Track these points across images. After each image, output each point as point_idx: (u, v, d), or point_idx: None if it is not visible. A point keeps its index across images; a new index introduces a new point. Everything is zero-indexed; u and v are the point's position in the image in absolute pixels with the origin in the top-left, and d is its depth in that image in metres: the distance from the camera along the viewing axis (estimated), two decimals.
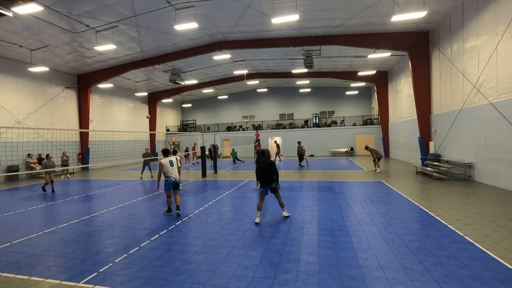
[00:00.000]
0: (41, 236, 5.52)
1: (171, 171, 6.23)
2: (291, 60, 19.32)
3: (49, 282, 3.64)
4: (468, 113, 10.35)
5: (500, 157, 8.63)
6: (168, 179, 6.20)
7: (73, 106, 18.81)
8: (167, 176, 6.21)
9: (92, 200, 8.97)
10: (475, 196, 7.71)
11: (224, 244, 4.76)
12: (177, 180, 6.27)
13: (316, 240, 4.79)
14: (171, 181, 6.22)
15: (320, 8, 11.46)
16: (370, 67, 20.10)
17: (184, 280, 3.56)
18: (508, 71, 8.15)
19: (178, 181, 6.30)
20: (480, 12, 9.43)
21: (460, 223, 5.45)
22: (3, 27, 11.43)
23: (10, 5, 7.77)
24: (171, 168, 6.23)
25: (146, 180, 13.22)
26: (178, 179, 6.29)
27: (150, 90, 25.86)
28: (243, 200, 8.18)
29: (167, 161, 6.26)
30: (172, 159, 6.36)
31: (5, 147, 13.92)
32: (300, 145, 17.30)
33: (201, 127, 31.34)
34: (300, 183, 10.70)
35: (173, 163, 6.27)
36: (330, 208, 6.86)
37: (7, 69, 14.70)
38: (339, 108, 28.41)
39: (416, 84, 13.80)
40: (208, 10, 11.67)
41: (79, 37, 13.06)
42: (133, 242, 4.97)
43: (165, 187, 6.25)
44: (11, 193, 10.92)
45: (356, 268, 3.75)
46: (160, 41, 14.73)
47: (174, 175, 6.24)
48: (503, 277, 3.40)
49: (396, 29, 13.18)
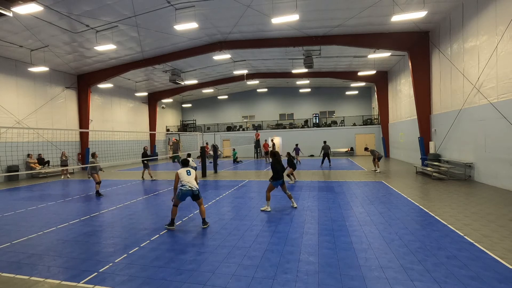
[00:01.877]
0: (41, 236, 5.52)
1: (187, 180, 5.76)
2: (291, 60, 19.31)
3: (49, 282, 3.64)
4: (468, 113, 10.35)
5: (500, 157, 8.63)
6: (183, 187, 5.68)
7: (73, 106, 18.81)
8: (182, 185, 5.72)
9: (92, 200, 8.96)
10: (475, 196, 7.71)
11: (224, 244, 4.76)
12: (193, 188, 5.70)
13: (316, 240, 4.79)
14: (186, 190, 5.65)
15: (320, 8, 11.46)
16: (370, 67, 20.10)
17: (184, 280, 3.56)
18: (508, 71, 8.15)
19: (195, 190, 5.74)
20: (480, 12, 9.43)
21: (460, 223, 5.45)
22: (3, 27, 11.42)
23: (10, 5, 7.77)
24: (187, 176, 5.80)
25: (147, 180, 13.22)
26: (195, 188, 5.73)
27: (150, 90, 25.86)
28: (243, 200, 8.18)
29: (184, 171, 5.87)
30: (190, 169, 5.98)
31: (5, 147, 13.92)
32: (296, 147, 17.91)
33: (201, 127, 31.35)
34: (300, 183, 10.70)
35: (190, 172, 5.87)
36: (330, 208, 6.86)
37: (7, 69, 14.69)
38: (339, 108, 28.41)
39: (416, 84, 13.80)
40: (208, 10, 11.67)
41: (79, 37, 13.06)
42: (133, 242, 4.97)
43: (178, 195, 5.72)
44: (11, 193, 10.92)
45: (356, 268, 3.75)
46: (160, 41, 14.73)
47: (191, 183, 5.74)
48: (503, 277, 3.40)
49: (396, 29, 13.18)
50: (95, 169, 9.64)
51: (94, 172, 9.58)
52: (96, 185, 9.61)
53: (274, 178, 6.87)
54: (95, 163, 9.57)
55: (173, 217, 5.67)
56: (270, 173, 7.22)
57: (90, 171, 9.61)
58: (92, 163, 9.53)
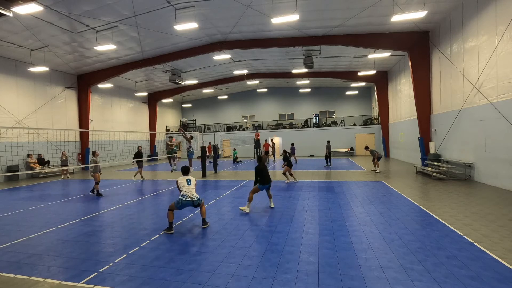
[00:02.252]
0: (41, 236, 5.52)
1: (188, 190, 5.63)
2: (291, 60, 19.32)
3: (49, 282, 3.63)
4: (468, 113, 10.35)
5: (500, 157, 8.63)
6: (183, 197, 5.55)
7: (73, 106, 18.81)
8: (182, 195, 5.61)
9: (92, 200, 8.96)
10: (475, 196, 7.71)
11: (224, 244, 4.76)
12: (193, 199, 5.58)
13: (316, 240, 4.79)
14: (186, 201, 5.52)
15: (320, 8, 11.46)
16: (370, 67, 20.10)
17: (184, 280, 3.56)
18: (508, 71, 8.14)
19: (196, 200, 5.62)
20: (480, 12, 9.43)
21: (460, 223, 5.45)
22: (3, 27, 11.42)
23: (10, 5, 7.77)
24: (188, 186, 5.66)
25: (147, 180, 13.22)
26: (195, 198, 5.61)
27: (150, 90, 25.86)
28: (243, 200, 8.16)
29: (184, 179, 5.75)
30: (191, 177, 5.82)
31: (5, 147, 13.93)
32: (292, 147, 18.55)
33: (201, 127, 31.35)
34: (300, 183, 10.70)
35: (191, 182, 5.73)
36: (330, 208, 6.86)
37: (7, 69, 14.69)
38: (339, 108, 28.41)
39: (416, 84, 13.81)
40: (208, 10, 11.67)
41: (79, 37, 13.06)
42: (133, 242, 4.97)
43: (177, 204, 5.56)
44: (11, 193, 10.92)
45: (356, 268, 3.75)
46: (160, 41, 14.73)
47: (191, 194, 5.60)
48: (503, 277, 3.40)
49: (396, 29, 13.18)
50: (96, 168, 9.64)
51: (96, 171, 9.56)
52: (96, 185, 9.61)
53: (262, 182, 6.87)
54: (96, 161, 9.56)
55: (170, 221, 5.54)
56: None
57: (93, 170, 9.59)
58: (93, 162, 9.51)
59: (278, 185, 10.39)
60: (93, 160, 9.54)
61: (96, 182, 9.59)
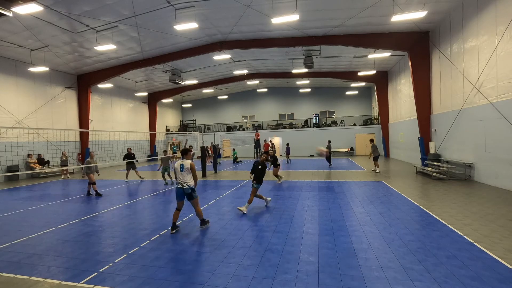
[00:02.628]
0: (41, 236, 5.52)
1: (178, 176, 5.36)
2: (291, 60, 19.31)
3: (49, 282, 3.63)
4: (468, 113, 10.35)
5: (500, 157, 8.62)
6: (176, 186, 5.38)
7: (73, 106, 18.81)
8: (176, 182, 5.40)
9: (92, 200, 8.96)
10: (475, 196, 7.71)
11: (224, 244, 4.76)
12: (184, 187, 5.27)
13: (316, 240, 4.79)
14: (177, 189, 5.35)
15: (320, 8, 11.46)
16: (370, 67, 20.10)
17: (184, 280, 3.56)
18: (508, 71, 8.14)
19: (187, 188, 5.28)
20: (480, 12, 9.43)
21: (460, 223, 5.45)
22: (3, 27, 11.42)
23: (10, 5, 7.77)
24: (180, 173, 5.34)
25: (147, 180, 13.21)
26: (186, 187, 5.28)
27: (150, 90, 25.86)
28: (243, 200, 8.16)
29: (178, 166, 5.39)
30: (185, 162, 5.38)
31: (5, 147, 13.92)
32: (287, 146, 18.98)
33: (201, 127, 31.34)
34: (300, 183, 10.70)
35: (183, 168, 5.33)
36: (330, 208, 6.86)
37: (7, 69, 14.69)
38: (339, 108, 28.40)
39: (416, 84, 13.80)
40: (208, 10, 11.67)
41: (79, 37, 13.05)
42: (133, 242, 4.97)
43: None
44: (11, 193, 10.92)
45: (356, 268, 3.75)
46: (160, 41, 14.72)
47: (181, 181, 5.30)
48: (503, 277, 3.40)
49: (396, 29, 13.18)
50: (91, 169, 9.67)
51: (89, 172, 9.61)
52: (93, 185, 9.64)
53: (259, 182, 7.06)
54: (91, 163, 9.59)
55: (174, 221, 5.47)
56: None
57: (86, 171, 9.64)
58: (88, 163, 9.53)
59: (278, 185, 10.41)
60: (87, 161, 9.58)
61: (91, 182, 9.61)
